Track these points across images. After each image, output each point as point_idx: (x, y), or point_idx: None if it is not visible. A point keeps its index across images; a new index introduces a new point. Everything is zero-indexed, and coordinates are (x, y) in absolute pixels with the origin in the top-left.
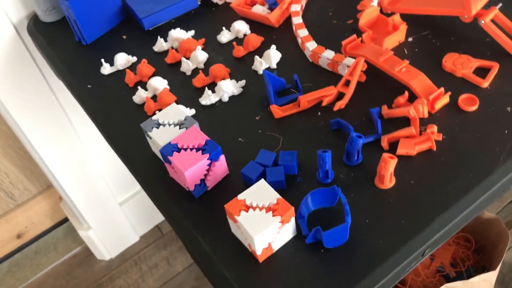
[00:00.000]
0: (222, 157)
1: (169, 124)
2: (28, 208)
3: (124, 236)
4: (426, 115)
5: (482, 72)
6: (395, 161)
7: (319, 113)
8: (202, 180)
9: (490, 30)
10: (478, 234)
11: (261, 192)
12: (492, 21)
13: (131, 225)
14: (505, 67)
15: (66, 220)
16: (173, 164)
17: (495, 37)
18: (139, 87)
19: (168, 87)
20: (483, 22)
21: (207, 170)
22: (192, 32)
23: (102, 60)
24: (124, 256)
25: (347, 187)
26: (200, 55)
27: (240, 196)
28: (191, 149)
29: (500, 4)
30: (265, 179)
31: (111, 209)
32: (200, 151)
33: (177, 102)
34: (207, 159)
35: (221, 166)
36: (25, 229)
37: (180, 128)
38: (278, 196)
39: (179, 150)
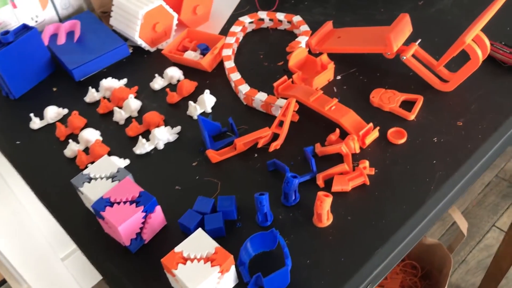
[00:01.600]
0: (158, 208)
1: (101, 178)
2: None
3: None
4: (357, 150)
5: (408, 105)
6: (330, 199)
7: (256, 155)
8: (138, 234)
9: (412, 64)
10: (423, 260)
11: (199, 242)
12: (413, 56)
13: (76, 280)
14: (428, 99)
15: (3, 282)
16: (106, 220)
17: (417, 71)
18: (70, 140)
19: (100, 138)
20: (404, 57)
21: (143, 223)
22: (124, 81)
23: (31, 114)
24: None
25: (286, 228)
26: (133, 104)
27: (177, 249)
28: (125, 202)
29: (419, 40)
30: (204, 227)
31: (52, 266)
32: (134, 204)
33: (111, 153)
34: (142, 211)
35: (158, 217)
36: None
37: (112, 181)
38: (216, 245)
39: (112, 204)
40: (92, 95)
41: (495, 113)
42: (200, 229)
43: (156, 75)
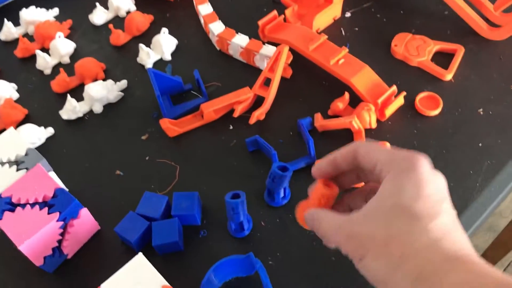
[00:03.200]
0: (84, 212)
1: (2, 163)
2: None
3: None
4: (374, 125)
5: (443, 58)
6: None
7: (231, 127)
8: (56, 248)
9: (450, 0)
10: None
11: (138, 276)
12: None
13: None
14: (471, 50)
15: None
16: (4, 231)
17: (456, 9)
18: None
19: (16, 94)
20: None
21: (62, 234)
22: (54, 11)
23: None
24: None
25: (271, 241)
26: (63, 45)
27: (105, 285)
28: (33, 205)
29: None
30: (152, 241)
31: None
32: (46, 208)
33: (29, 118)
34: (57, 220)
35: (84, 223)
36: None
37: (18, 169)
38: (164, 282)
39: (13, 208)
40: (8, 31)
41: None
42: (140, 254)
43: (97, 4)
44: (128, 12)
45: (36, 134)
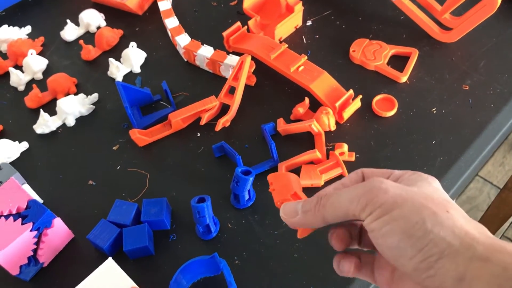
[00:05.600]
0: (58, 221)
1: None
2: None
3: None
4: (333, 127)
5: (398, 61)
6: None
7: (198, 135)
8: (32, 257)
9: (404, 6)
10: None
11: (108, 280)
12: None
13: None
14: (425, 53)
15: None
16: None
17: (410, 14)
18: None
19: None
20: None
21: (36, 243)
22: (27, 29)
23: None
24: None
25: (237, 242)
26: (35, 62)
27: None
28: (7, 217)
29: None
30: (123, 246)
31: None
32: (20, 219)
33: (4, 133)
34: (31, 230)
35: (58, 232)
36: None
37: None
38: (133, 284)
39: None
40: None
41: (510, 72)
42: (110, 259)
43: (68, 21)
44: (98, 28)
45: (11, 149)
